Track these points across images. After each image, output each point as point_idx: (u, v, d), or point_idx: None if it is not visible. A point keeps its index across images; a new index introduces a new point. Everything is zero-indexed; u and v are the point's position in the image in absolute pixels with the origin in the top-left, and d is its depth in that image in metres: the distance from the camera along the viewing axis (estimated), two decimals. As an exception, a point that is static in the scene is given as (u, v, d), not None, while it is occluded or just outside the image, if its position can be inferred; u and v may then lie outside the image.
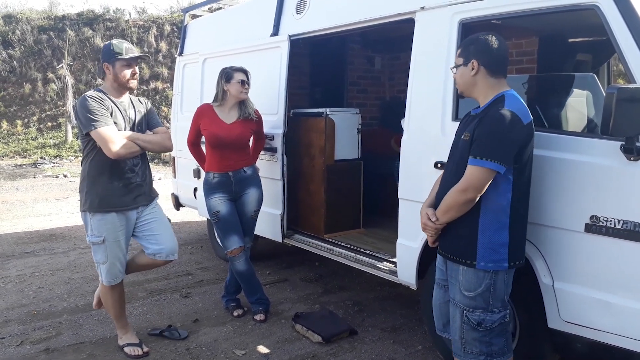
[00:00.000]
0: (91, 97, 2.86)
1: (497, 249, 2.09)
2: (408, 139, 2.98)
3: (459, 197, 2.08)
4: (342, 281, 4.46)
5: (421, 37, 2.93)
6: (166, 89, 16.98)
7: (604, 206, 2.16)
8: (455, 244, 2.19)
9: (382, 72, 5.91)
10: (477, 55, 2.14)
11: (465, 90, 2.24)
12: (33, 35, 19.13)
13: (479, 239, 2.10)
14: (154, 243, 3.11)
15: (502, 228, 2.08)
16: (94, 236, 2.95)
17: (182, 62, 5.40)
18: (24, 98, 18.01)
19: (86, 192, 2.93)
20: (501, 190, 2.07)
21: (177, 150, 5.34)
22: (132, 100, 3.07)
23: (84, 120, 2.80)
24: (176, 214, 6.67)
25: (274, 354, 3.16)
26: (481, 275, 2.11)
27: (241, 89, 3.49)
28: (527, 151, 2.08)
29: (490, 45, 2.14)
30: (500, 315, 2.16)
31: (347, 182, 4.21)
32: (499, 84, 2.16)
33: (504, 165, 2.00)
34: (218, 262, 5.02)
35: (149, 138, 3.02)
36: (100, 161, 2.89)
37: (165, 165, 13.63)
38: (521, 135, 2.02)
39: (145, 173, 3.11)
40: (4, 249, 5.58)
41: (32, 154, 15.83)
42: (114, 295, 3.10)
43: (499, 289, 2.13)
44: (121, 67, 2.91)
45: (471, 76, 2.16)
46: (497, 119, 2.02)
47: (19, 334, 3.43)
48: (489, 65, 2.14)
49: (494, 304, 2.14)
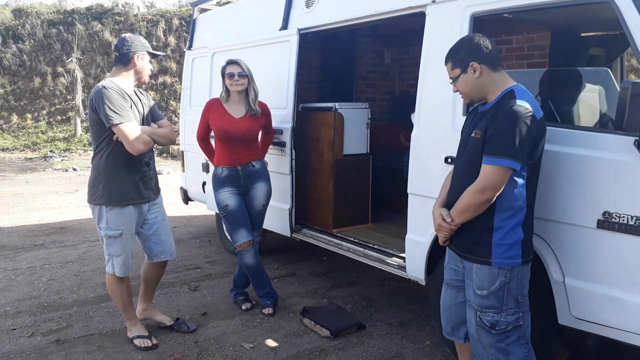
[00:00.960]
0: (111, 88, 2.85)
1: (512, 246, 2.05)
2: (418, 133, 2.97)
3: (477, 198, 2.03)
4: (350, 276, 4.46)
5: (432, 31, 2.91)
6: (174, 83, 17.02)
7: (616, 202, 2.14)
8: (469, 241, 2.14)
9: (391, 66, 5.87)
10: (472, 57, 2.11)
11: (474, 96, 2.18)
12: (43, 29, 19.24)
13: (494, 236, 2.06)
14: (158, 244, 3.22)
15: (517, 225, 2.05)
16: (110, 229, 2.98)
17: (191, 56, 5.40)
18: (33, 92, 18.14)
19: (103, 185, 2.94)
20: (516, 187, 2.03)
21: (185, 145, 5.36)
22: (136, 93, 3.12)
23: (109, 113, 2.79)
24: (185, 208, 6.70)
25: (282, 347, 3.17)
26: (496, 272, 2.07)
27: (231, 81, 3.49)
28: (539, 147, 2.05)
29: (477, 43, 2.11)
30: (515, 317, 2.09)
31: (355, 176, 4.20)
32: (502, 77, 2.13)
33: (519, 162, 1.96)
34: (226, 256, 5.04)
35: (161, 132, 3.08)
36: (118, 155, 2.92)
37: (173, 160, 13.68)
38: (535, 131, 1.98)
39: (154, 166, 3.21)
40: (15, 242, 5.64)
41: (41, 147, 15.96)
42: (122, 286, 3.14)
43: (513, 287, 2.08)
44: (148, 61, 3.03)
45: (476, 79, 2.11)
46: (511, 115, 1.97)
47: (30, 325, 3.47)
48: (487, 61, 2.10)
49: (508, 303, 2.08)
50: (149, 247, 3.23)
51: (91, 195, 3.00)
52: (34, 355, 3.05)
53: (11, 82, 18.46)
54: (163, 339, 3.25)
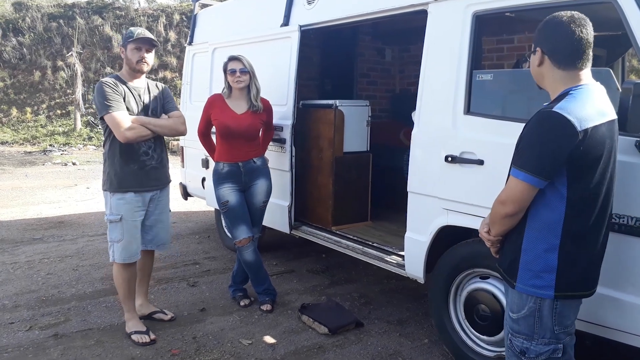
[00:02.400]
0: (105, 82, 2.98)
1: (540, 273, 1.73)
2: (418, 131, 2.96)
3: (498, 210, 1.79)
4: (348, 273, 4.46)
5: (434, 29, 2.90)
6: (175, 78, 16.98)
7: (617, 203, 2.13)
8: (502, 258, 1.92)
9: (392, 64, 5.87)
10: (541, 43, 1.77)
11: (536, 81, 1.87)
12: (43, 22, 19.17)
13: (521, 258, 1.78)
14: (149, 233, 3.25)
15: (549, 250, 1.72)
16: (112, 214, 3.06)
17: (191, 51, 5.38)
18: (33, 85, 18.10)
19: (107, 172, 3.08)
20: (551, 205, 1.71)
21: (185, 140, 5.36)
22: (148, 85, 3.16)
23: (99, 105, 2.96)
24: (184, 204, 6.69)
25: (280, 344, 3.17)
26: (524, 298, 1.78)
27: (233, 78, 3.48)
28: (588, 161, 1.66)
29: (557, 30, 1.72)
30: (549, 349, 1.77)
31: (355, 174, 4.19)
32: (570, 77, 1.73)
33: (541, 179, 1.66)
34: (225, 252, 5.04)
35: (160, 122, 3.10)
36: (115, 144, 3.03)
37: (173, 155, 13.66)
38: (569, 143, 1.61)
39: (161, 156, 3.22)
40: (14, 235, 5.63)
41: (41, 141, 15.93)
42: (124, 274, 3.15)
43: (546, 318, 1.75)
44: (132, 49, 3.03)
45: (537, 66, 1.80)
46: (538, 123, 1.68)
47: (28, 319, 3.47)
48: (555, 55, 1.74)
49: (540, 332, 1.77)
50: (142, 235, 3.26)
51: (102, 183, 3.15)
52: (32, 349, 3.05)
53: (11, 75, 18.41)
54: (161, 335, 3.25)
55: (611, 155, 1.73)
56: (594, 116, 1.64)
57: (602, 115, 1.67)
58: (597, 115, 1.65)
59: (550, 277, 1.72)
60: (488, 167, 2.56)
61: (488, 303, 2.70)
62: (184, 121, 3.22)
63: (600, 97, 1.73)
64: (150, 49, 3.07)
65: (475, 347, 2.83)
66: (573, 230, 1.70)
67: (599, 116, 1.66)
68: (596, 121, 1.64)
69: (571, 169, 1.66)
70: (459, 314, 2.91)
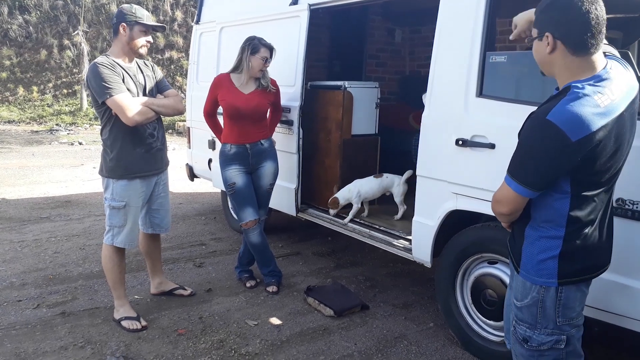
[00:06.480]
0: (102, 64, 2.84)
1: (543, 262, 1.68)
2: (429, 114, 2.91)
3: (494, 207, 1.74)
4: (354, 256, 4.45)
5: (447, 9, 2.83)
6: (181, 58, 16.88)
7: (630, 189, 2.10)
8: (510, 242, 1.85)
9: (402, 45, 5.78)
10: (551, 27, 1.57)
11: (543, 69, 1.68)
12: (49, 0, 19.04)
13: (524, 246, 1.73)
14: (157, 217, 3.26)
15: (553, 239, 1.66)
16: (115, 200, 2.98)
17: (198, 30, 5.32)
18: (40, 64, 18.06)
19: (110, 159, 2.95)
20: (555, 197, 1.63)
21: (192, 121, 5.32)
22: (139, 65, 3.07)
23: (98, 88, 2.80)
24: (190, 185, 6.69)
25: (286, 325, 3.18)
26: (527, 286, 1.73)
27: (262, 65, 3.42)
28: (589, 167, 1.55)
29: (569, 11, 1.53)
30: (551, 339, 1.71)
31: (363, 157, 4.15)
32: (582, 65, 1.56)
33: (532, 190, 1.59)
34: (231, 234, 5.04)
35: (163, 102, 3.05)
36: (120, 128, 2.91)
37: (179, 136, 13.65)
38: (563, 156, 1.50)
39: (164, 137, 3.19)
40: (21, 214, 5.66)
41: (47, 120, 15.95)
42: (115, 258, 3.08)
43: (549, 309, 1.70)
44: (139, 32, 2.94)
45: (547, 54, 1.60)
46: (531, 129, 1.57)
47: (36, 297, 3.49)
48: (569, 40, 1.54)
49: (542, 322, 1.72)
50: (147, 219, 3.25)
51: (100, 168, 3.05)
52: (40, 327, 3.07)
53: (17, 53, 18.37)
54: (167, 314, 3.26)
55: (619, 148, 1.59)
56: (595, 119, 1.47)
57: (608, 114, 1.49)
58: (600, 117, 1.48)
59: (553, 264, 1.66)
60: (500, 151, 2.51)
61: (495, 288, 2.69)
62: (181, 99, 3.18)
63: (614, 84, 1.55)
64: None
65: (481, 332, 2.83)
66: (577, 221, 1.63)
67: (603, 117, 1.48)
68: (598, 124, 1.47)
69: (572, 174, 1.57)
70: (466, 299, 2.90)
